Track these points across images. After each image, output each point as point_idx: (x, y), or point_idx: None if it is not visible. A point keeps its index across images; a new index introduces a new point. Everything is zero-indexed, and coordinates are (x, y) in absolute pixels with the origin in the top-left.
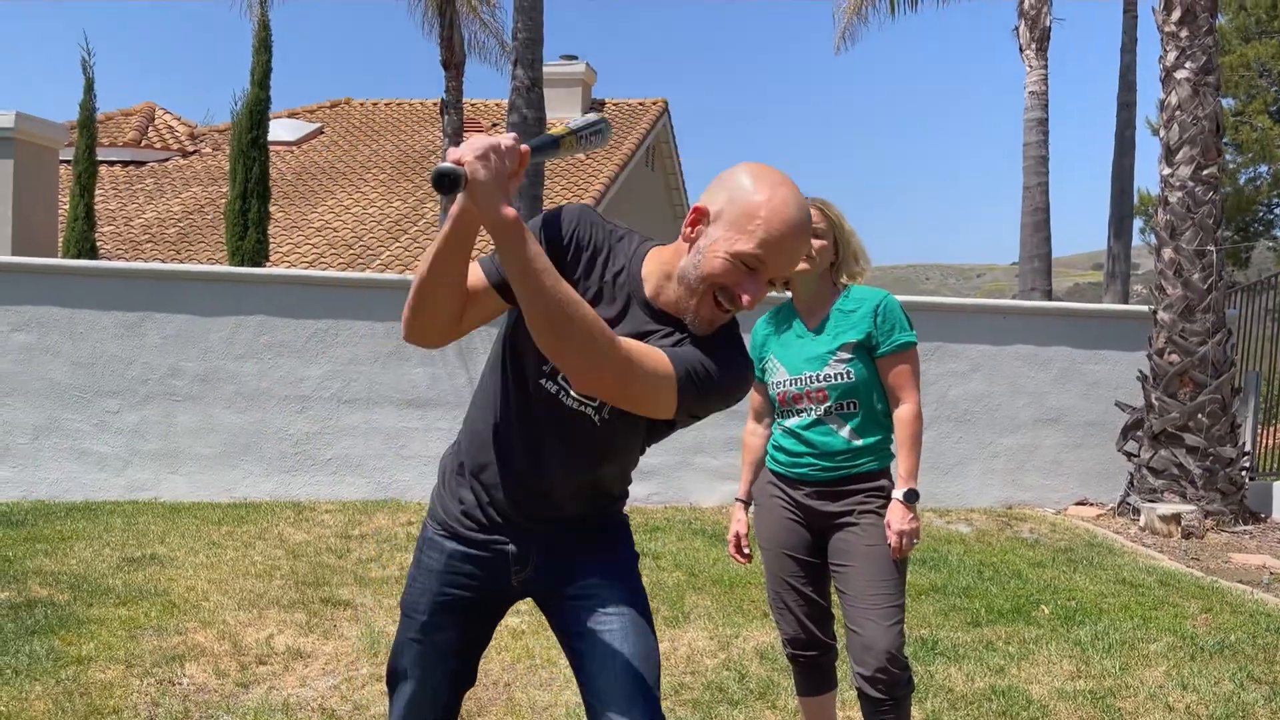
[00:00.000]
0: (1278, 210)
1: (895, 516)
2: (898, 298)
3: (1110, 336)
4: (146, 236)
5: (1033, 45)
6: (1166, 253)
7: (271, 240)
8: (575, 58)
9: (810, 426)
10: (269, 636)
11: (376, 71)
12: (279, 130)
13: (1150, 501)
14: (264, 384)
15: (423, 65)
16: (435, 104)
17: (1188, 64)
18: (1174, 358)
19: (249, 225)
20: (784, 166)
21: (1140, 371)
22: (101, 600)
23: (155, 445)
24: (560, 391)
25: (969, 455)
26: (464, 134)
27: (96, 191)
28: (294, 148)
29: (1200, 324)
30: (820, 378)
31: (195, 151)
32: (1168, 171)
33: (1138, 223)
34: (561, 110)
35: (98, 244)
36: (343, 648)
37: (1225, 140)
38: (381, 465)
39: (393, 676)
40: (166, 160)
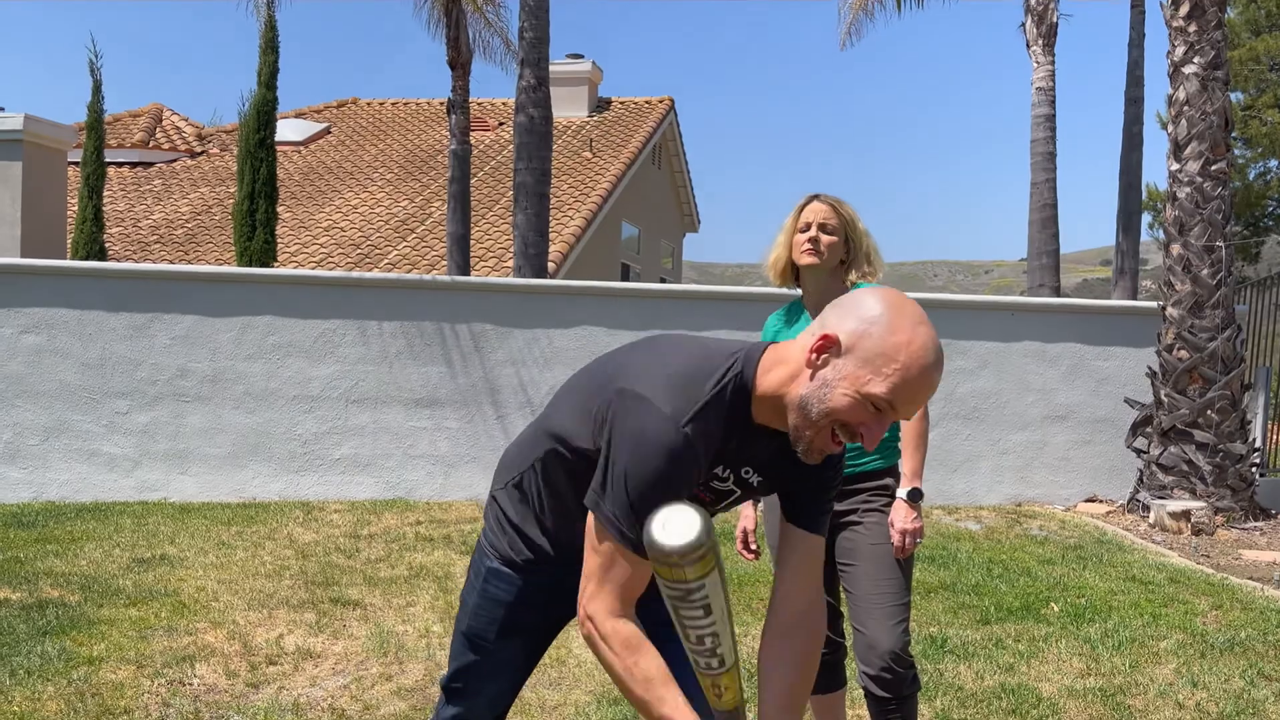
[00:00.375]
0: None
1: (899, 515)
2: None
3: (1119, 333)
4: (155, 238)
5: (1040, 41)
6: (1175, 248)
7: (279, 240)
8: (581, 56)
9: None
10: (279, 636)
11: (383, 71)
12: (286, 130)
13: (1160, 498)
14: (272, 384)
15: (429, 65)
16: (442, 103)
17: (1196, 59)
18: (1183, 354)
19: (257, 226)
20: (791, 164)
21: (1149, 368)
22: (112, 601)
23: (164, 446)
24: None
25: (978, 452)
26: (470, 133)
27: (105, 193)
28: (301, 148)
29: (1209, 320)
30: None
31: (203, 152)
32: (1176, 167)
33: (1146, 218)
34: (568, 109)
35: (106, 245)
36: (352, 647)
37: (1234, 135)
38: (390, 465)
39: (454, 692)
40: (174, 161)
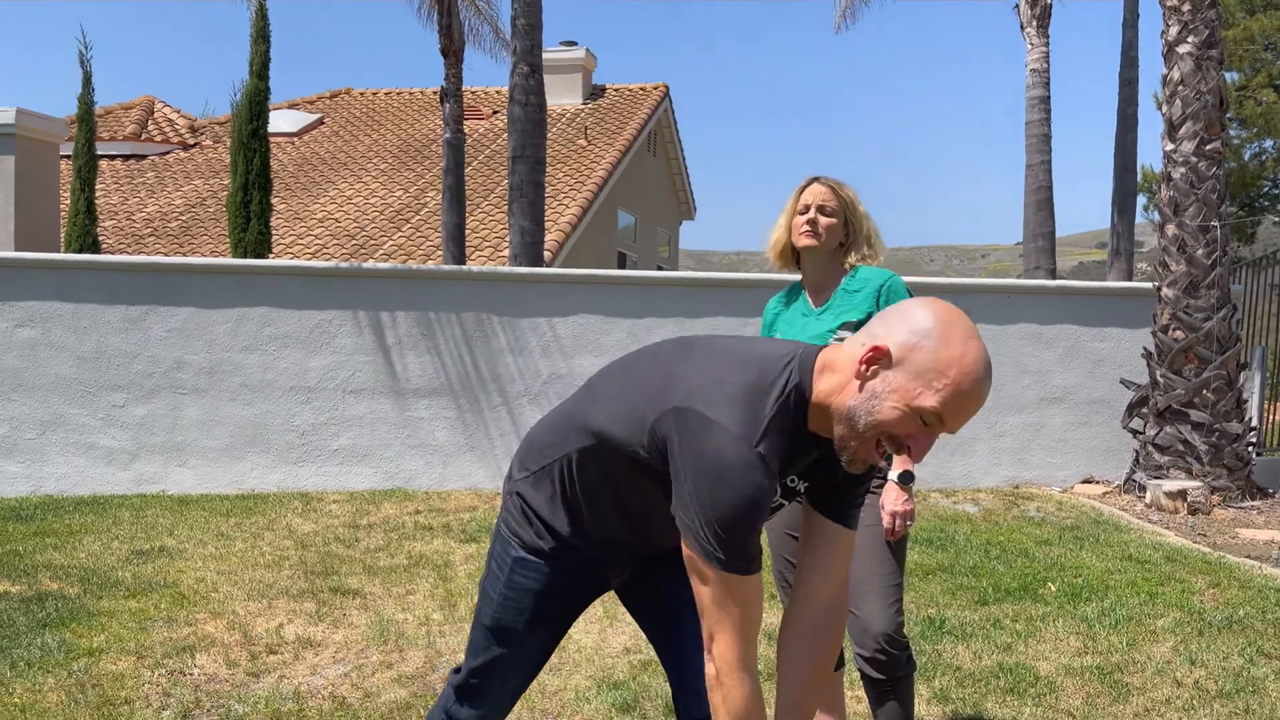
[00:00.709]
0: None
1: (889, 498)
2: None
3: (1115, 314)
4: (149, 230)
5: (1034, 23)
6: (1170, 229)
7: (274, 232)
8: (575, 43)
9: None
10: (279, 626)
11: (376, 61)
12: (279, 122)
13: (1156, 478)
14: (269, 375)
15: (422, 53)
16: (435, 92)
17: (1190, 38)
18: (1179, 334)
19: (251, 217)
20: (787, 149)
21: (1145, 348)
22: (111, 593)
23: (162, 438)
24: None
25: (975, 435)
26: (464, 121)
27: (97, 186)
28: (295, 139)
29: (1205, 300)
30: None
31: (196, 144)
32: (1171, 147)
33: (1141, 200)
34: (562, 96)
35: (100, 239)
36: (352, 636)
37: (1229, 115)
38: (389, 455)
39: (471, 690)
40: (167, 154)
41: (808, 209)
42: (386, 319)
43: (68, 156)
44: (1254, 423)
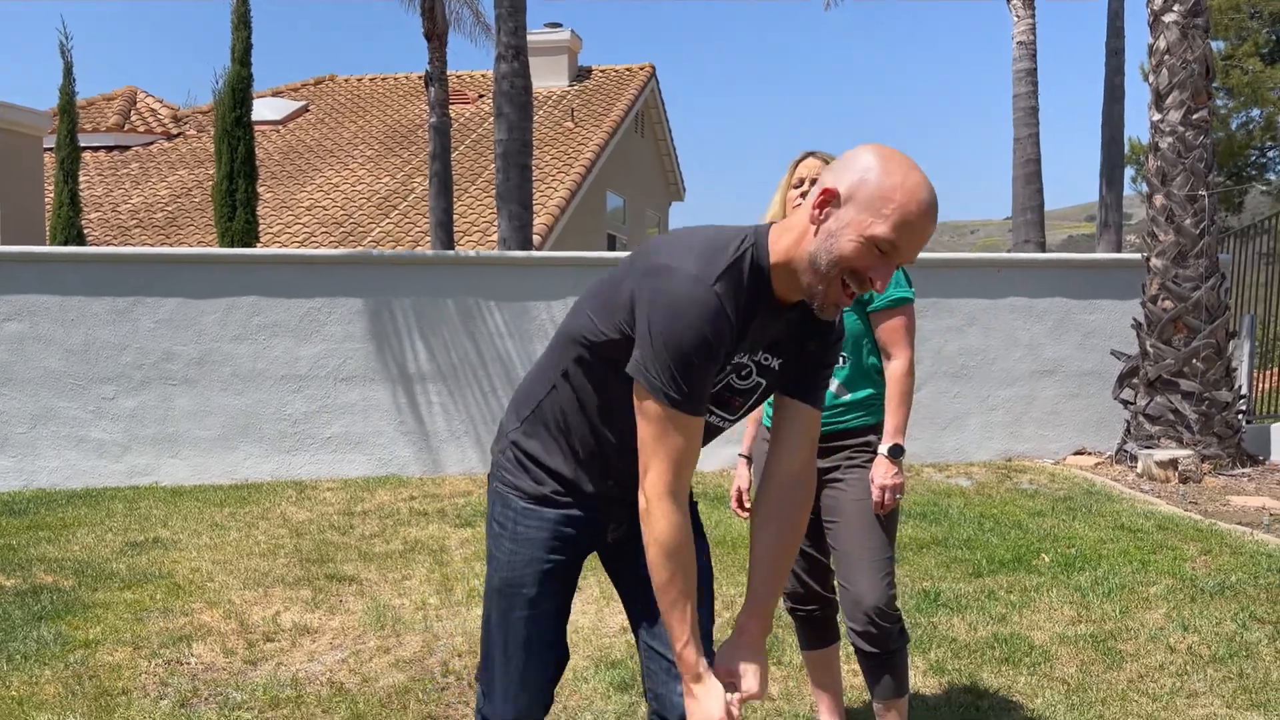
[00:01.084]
0: (1270, 154)
1: (879, 472)
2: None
3: (1104, 285)
4: (135, 222)
5: None
6: (1158, 199)
7: (261, 221)
8: (560, 25)
9: None
10: (275, 614)
11: (360, 47)
12: (264, 110)
13: (1147, 448)
14: (260, 365)
15: (406, 39)
16: (420, 77)
17: (1176, 6)
18: (1168, 304)
19: (237, 206)
20: (776, 127)
21: (1135, 319)
22: (106, 585)
23: (153, 430)
24: (706, 412)
25: (967, 409)
26: (450, 106)
27: (81, 178)
28: (280, 127)
29: (1193, 269)
30: None
31: (179, 134)
32: (1158, 117)
33: (1129, 172)
34: (548, 78)
35: (85, 230)
36: (349, 622)
37: (1216, 85)
38: (382, 442)
39: (490, 669)
40: (151, 144)
41: (802, 183)
42: (377, 306)
43: (51, 149)
44: (1243, 390)
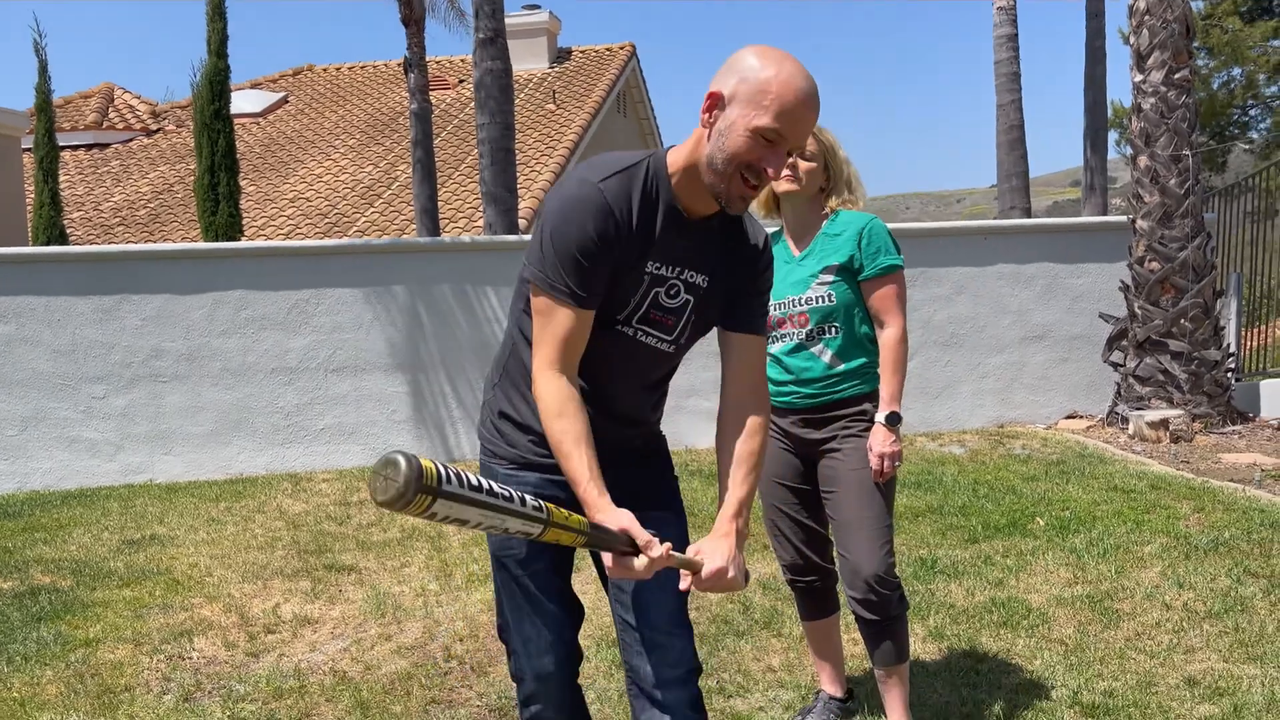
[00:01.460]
0: (1252, 112)
1: (877, 440)
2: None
3: (1091, 249)
4: (117, 220)
5: None
6: (1142, 160)
7: (245, 215)
8: (538, 6)
9: (792, 352)
10: (275, 606)
11: (338, 35)
12: (243, 102)
13: (1138, 409)
14: (249, 358)
15: (384, 26)
16: (399, 64)
17: None
18: (1154, 265)
19: (220, 200)
20: None
21: (1122, 281)
22: (105, 583)
23: (145, 428)
24: (642, 333)
25: (958, 377)
26: (430, 92)
27: (61, 177)
28: (260, 119)
29: (1179, 229)
30: (802, 301)
31: (159, 130)
32: (1140, 78)
33: (1113, 136)
34: (528, 61)
35: (68, 230)
36: (349, 611)
37: (1196, 44)
38: (375, 431)
39: (507, 629)
40: (130, 141)
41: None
42: (364, 295)
43: (30, 149)
44: (1232, 349)
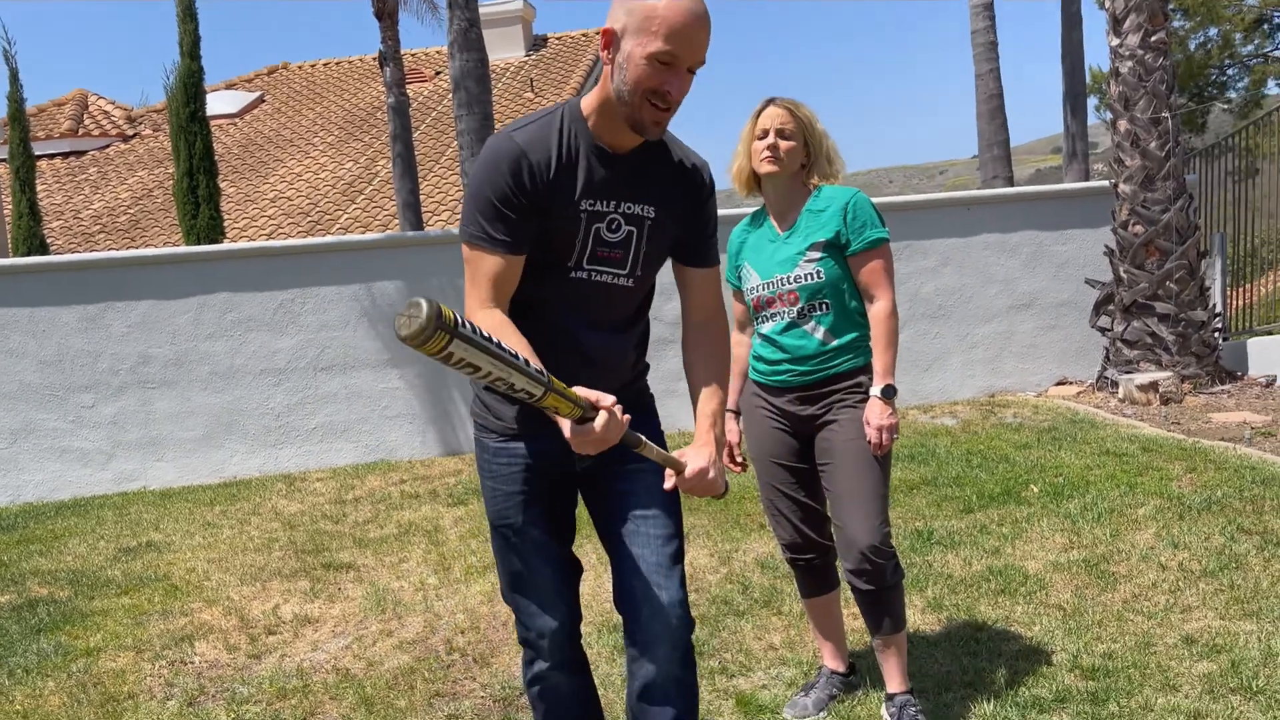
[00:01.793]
0: (1230, 72)
1: (873, 413)
2: None
3: (1074, 215)
4: (98, 227)
5: None
6: (1122, 124)
7: (227, 216)
8: None
9: (784, 331)
10: (275, 607)
11: (311, 32)
12: (219, 103)
13: (1127, 373)
14: (237, 361)
15: (357, 20)
16: (375, 58)
17: None
18: (1138, 228)
19: (200, 202)
20: (741, 80)
21: (1106, 246)
22: (103, 592)
23: (136, 435)
24: (595, 273)
25: (947, 349)
26: (407, 85)
27: (39, 186)
28: (236, 120)
29: (1161, 192)
30: (790, 279)
31: (135, 135)
32: (1116, 42)
33: (1093, 102)
34: (505, 50)
35: (48, 239)
36: (350, 609)
37: (1171, 6)
38: (367, 428)
39: (510, 593)
40: (107, 147)
41: (766, 134)
42: (350, 292)
43: (5, 160)
44: (1218, 309)
